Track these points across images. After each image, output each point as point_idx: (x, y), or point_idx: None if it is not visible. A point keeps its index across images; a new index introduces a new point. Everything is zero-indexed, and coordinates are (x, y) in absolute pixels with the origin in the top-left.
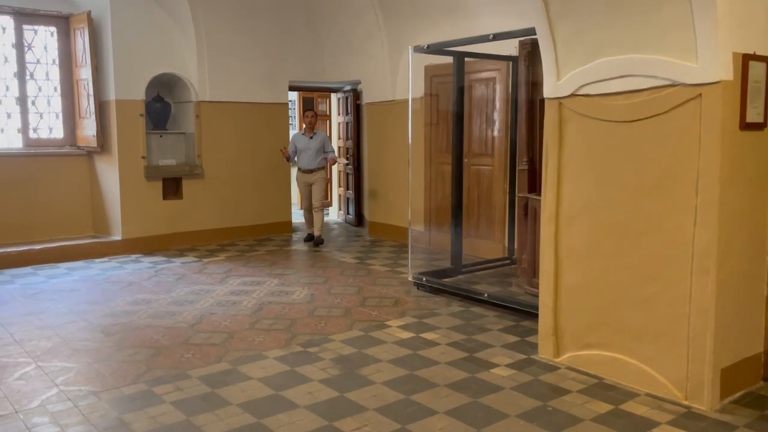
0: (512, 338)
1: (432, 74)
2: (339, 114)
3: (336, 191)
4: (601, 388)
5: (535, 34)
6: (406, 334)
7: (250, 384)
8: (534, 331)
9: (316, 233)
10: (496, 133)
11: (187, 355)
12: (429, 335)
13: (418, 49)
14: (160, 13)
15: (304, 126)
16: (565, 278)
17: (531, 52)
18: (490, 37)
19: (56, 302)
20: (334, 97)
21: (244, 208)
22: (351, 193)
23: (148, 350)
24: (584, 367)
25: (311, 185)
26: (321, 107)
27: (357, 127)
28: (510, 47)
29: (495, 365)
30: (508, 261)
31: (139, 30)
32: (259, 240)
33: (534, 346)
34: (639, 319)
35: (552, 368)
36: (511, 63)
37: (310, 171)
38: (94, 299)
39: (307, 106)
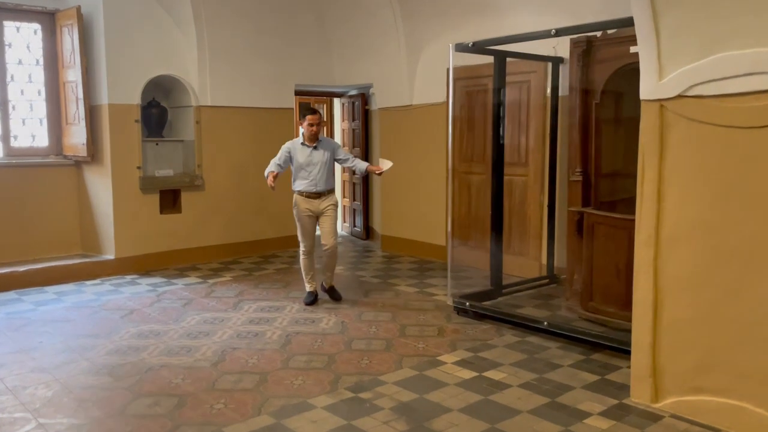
0: (591, 377)
1: (456, 77)
2: (344, 120)
3: (340, 202)
4: None
5: (600, 30)
6: (467, 373)
7: None
8: (613, 367)
9: (329, 282)
10: (531, 140)
11: (217, 405)
12: (494, 374)
13: (460, 48)
14: (157, 10)
15: (301, 134)
16: (668, 311)
17: (586, 51)
18: (552, 32)
19: (49, 336)
20: (337, 102)
21: (248, 222)
22: (358, 203)
23: (170, 399)
24: (693, 415)
25: (318, 216)
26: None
27: (365, 134)
28: (545, 48)
29: (587, 414)
30: (547, 280)
31: (134, 28)
32: (265, 257)
33: (620, 387)
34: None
35: (655, 417)
36: (550, 64)
37: (317, 195)
38: (92, 331)
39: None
